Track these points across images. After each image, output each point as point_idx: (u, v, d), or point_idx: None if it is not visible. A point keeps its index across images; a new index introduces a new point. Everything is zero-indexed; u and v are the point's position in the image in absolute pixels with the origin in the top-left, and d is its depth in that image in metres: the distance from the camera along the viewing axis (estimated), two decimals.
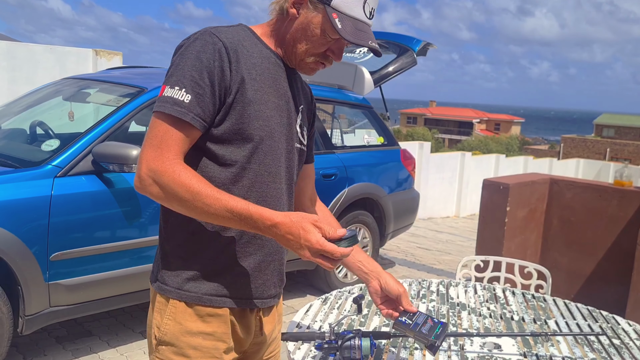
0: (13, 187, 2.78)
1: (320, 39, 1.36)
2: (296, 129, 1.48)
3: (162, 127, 1.25)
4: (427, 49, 5.32)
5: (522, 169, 13.48)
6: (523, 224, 4.27)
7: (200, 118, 1.27)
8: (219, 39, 1.31)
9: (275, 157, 1.39)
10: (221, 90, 1.29)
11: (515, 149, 47.12)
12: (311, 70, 1.43)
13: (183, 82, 1.27)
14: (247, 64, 1.34)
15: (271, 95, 1.38)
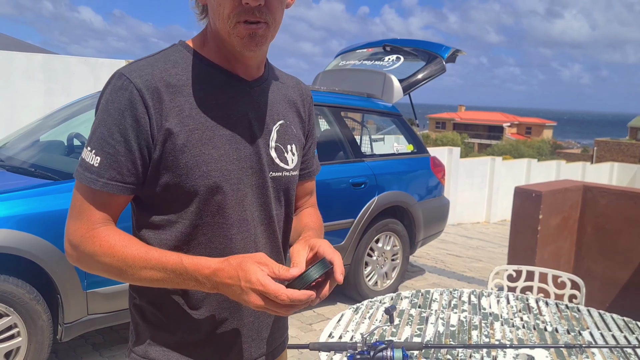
0: (52, 198, 2.87)
1: None
2: (270, 154, 1.21)
3: (78, 197, 1.10)
4: (456, 55, 5.30)
5: (554, 174, 13.27)
6: (556, 232, 4.21)
7: (116, 182, 1.07)
8: (130, 80, 1.07)
9: (237, 202, 1.16)
10: (141, 145, 1.08)
11: (547, 152, 46.39)
12: (249, 40, 1.09)
13: (93, 142, 1.08)
14: (175, 101, 1.10)
15: (217, 128, 1.13)
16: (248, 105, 1.18)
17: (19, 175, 3.14)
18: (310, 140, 1.39)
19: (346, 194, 4.47)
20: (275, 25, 1.11)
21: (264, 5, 1.07)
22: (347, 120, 4.84)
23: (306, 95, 1.38)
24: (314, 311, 4.60)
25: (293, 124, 1.30)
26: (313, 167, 1.43)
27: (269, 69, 1.29)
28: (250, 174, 1.18)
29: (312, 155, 1.41)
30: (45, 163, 3.40)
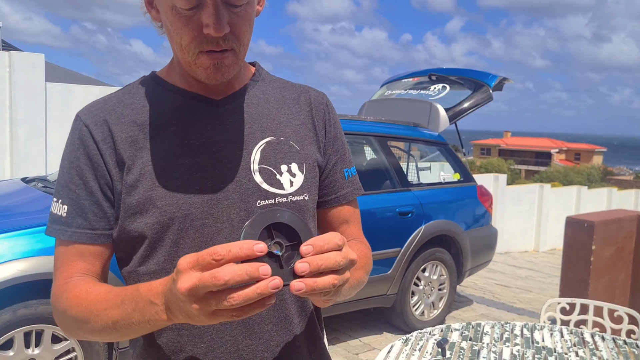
0: None
1: (179, 21, 0.91)
2: (253, 180, 1.01)
3: (56, 250, 1.00)
4: (503, 83, 5.28)
5: (605, 202, 12.89)
6: (610, 264, 4.09)
7: (84, 229, 0.97)
8: (81, 120, 1.00)
9: (204, 240, 0.97)
10: (101, 183, 0.98)
11: (597, 179, 45.08)
12: (214, 71, 0.95)
13: (57, 192, 1.01)
14: (127, 132, 0.99)
15: (175, 157, 0.98)
16: (215, 127, 1.01)
17: None
18: (333, 157, 1.13)
19: (393, 223, 4.47)
20: (243, 48, 0.97)
21: (229, 32, 0.92)
22: (393, 149, 4.87)
23: (318, 104, 1.14)
24: (360, 340, 4.58)
25: (294, 139, 1.07)
26: (344, 191, 1.15)
27: (254, 81, 1.11)
28: (226, 205, 0.98)
29: (339, 175, 1.14)
30: None
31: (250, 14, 0.95)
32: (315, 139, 1.11)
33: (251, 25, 0.97)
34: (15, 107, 6.32)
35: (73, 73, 12.61)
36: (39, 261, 2.72)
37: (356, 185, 1.18)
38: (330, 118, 1.15)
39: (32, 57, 6.51)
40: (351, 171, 1.17)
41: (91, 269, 0.99)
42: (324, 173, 1.12)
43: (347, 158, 1.17)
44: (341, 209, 1.16)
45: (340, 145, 1.16)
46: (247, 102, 1.07)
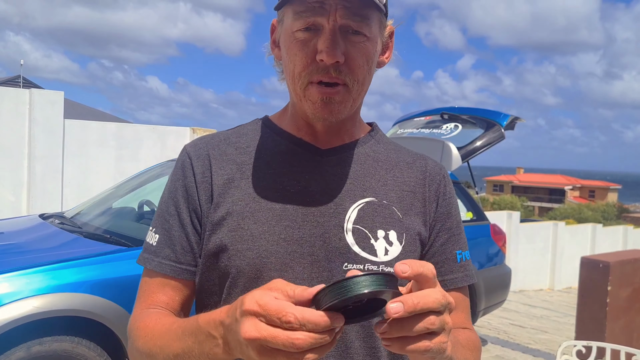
0: (125, 264, 3.01)
1: (295, 46, 0.89)
2: (344, 239, 0.92)
3: (141, 279, 1.00)
4: (515, 123, 5.31)
5: (621, 239, 12.73)
6: (627, 305, 4.03)
7: (170, 261, 0.95)
8: (186, 152, 1.00)
9: None
10: (192, 217, 0.96)
11: (612, 217, 44.59)
12: (322, 106, 0.89)
13: (154, 220, 1.00)
14: (225, 169, 0.97)
15: (266, 201, 0.93)
16: (313, 176, 0.96)
17: (93, 241, 3.32)
18: (443, 235, 1.01)
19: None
20: (358, 87, 0.91)
21: (344, 64, 0.87)
22: None
23: (434, 174, 1.04)
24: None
25: (398, 205, 0.98)
26: (452, 275, 1.01)
27: (367, 139, 1.04)
28: (309, 262, 0.91)
29: (450, 256, 1.02)
30: (118, 229, 3.58)
31: (369, 50, 0.90)
32: (422, 211, 1.00)
33: (370, 64, 0.92)
34: (34, 143, 6.44)
35: (90, 109, 12.88)
36: (54, 298, 2.74)
37: (468, 272, 1.04)
38: (446, 192, 1.04)
39: (52, 95, 6.67)
40: (465, 255, 1.04)
41: (170, 304, 0.96)
42: (429, 251, 1.01)
43: (461, 240, 1.04)
44: (456, 295, 1.01)
45: (454, 224, 1.03)
46: (354, 157, 1.00)
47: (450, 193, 1.05)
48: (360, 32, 0.88)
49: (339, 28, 0.87)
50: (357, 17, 0.87)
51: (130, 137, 7.30)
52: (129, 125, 7.72)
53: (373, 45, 0.91)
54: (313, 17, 0.86)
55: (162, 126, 7.66)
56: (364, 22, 0.88)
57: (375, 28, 0.91)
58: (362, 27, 0.88)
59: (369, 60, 0.91)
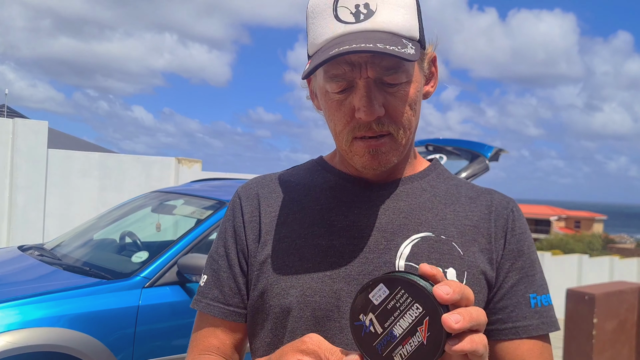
0: (105, 297, 2.94)
1: (331, 106, 0.87)
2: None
3: (194, 323, 0.99)
4: (499, 154, 5.35)
5: (607, 270, 12.78)
6: (613, 337, 4.01)
7: (217, 302, 0.93)
8: (238, 192, 1.00)
9: (329, 337, 0.83)
10: (240, 258, 0.94)
11: (598, 247, 44.83)
12: (370, 158, 0.86)
13: (206, 261, 1.00)
14: (272, 206, 0.95)
15: (312, 237, 0.90)
16: (363, 211, 0.91)
17: (73, 273, 3.25)
18: (513, 276, 0.91)
19: None
20: (404, 133, 0.86)
21: (385, 115, 0.84)
22: None
23: (501, 208, 0.95)
24: None
25: (459, 241, 0.90)
26: (525, 321, 0.90)
27: (424, 174, 0.98)
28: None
29: (521, 300, 0.91)
30: (98, 262, 3.51)
31: (410, 94, 0.85)
32: (487, 248, 0.91)
33: (413, 107, 0.87)
34: (16, 173, 6.37)
35: (75, 138, 12.81)
36: (29, 333, 2.66)
37: (546, 319, 0.92)
38: (515, 228, 0.94)
39: (36, 124, 6.62)
40: (541, 299, 0.93)
41: (221, 348, 0.94)
42: (497, 294, 0.91)
43: (535, 281, 0.93)
44: (519, 345, 0.90)
45: (527, 264, 0.93)
46: (408, 191, 0.94)
47: (522, 229, 0.95)
48: (395, 83, 0.83)
49: (373, 82, 0.82)
50: (389, 70, 0.82)
51: (114, 167, 7.24)
52: (113, 155, 7.68)
53: (415, 86, 0.87)
54: (344, 80, 0.83)
55: (147, 156, 7.61)
56: (398, 72, 0.83)
57: (411, 68, 0.85)
58: (397, 77, 0.83)
59: (412, 103, 0.86)
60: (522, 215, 0.97)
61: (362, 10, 0.81)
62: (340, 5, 0.81)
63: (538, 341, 0.91)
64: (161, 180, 7.50)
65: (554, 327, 0.93)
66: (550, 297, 0.95)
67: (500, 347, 0.90)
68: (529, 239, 0.95)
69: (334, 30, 0.81)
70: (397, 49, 0.77)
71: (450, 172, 1.02)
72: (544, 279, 0.96)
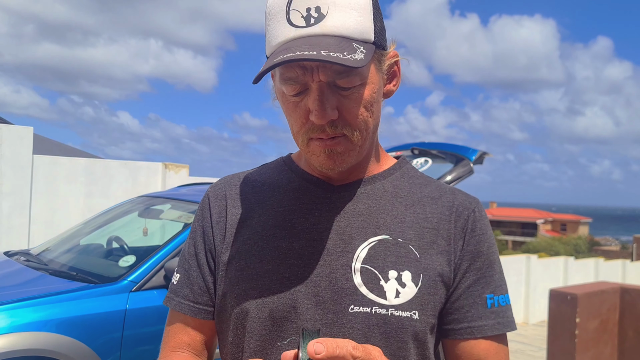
0: (92, 302, 2.95)
1: (288, 108, 0.88)
2: (351, 280, 0.87)
3: (167, 319, 1.01)
4: (483, 157, 5.41)
5: (592, 272, 12.91)
6: (595, 336, 4.08)
7: (188, 300, 0.96)
8: (207, 192, 1.02)
9: (285, 338, 0.86)
10: (207, 257, 0.97)
11: (584, 250, 45.23)
12: (326, 158, 0.87)
13: (179, 260, 1.02)
14: (238, 207, 0.97)
15: (274, 239, 0.92)
16: (323, 214, 0.92)
17: (59, 278, 3.25)
18: (470, 276, 0.92)
19: None
20: (359, 134, 0.86)
21: (339, 118, 0.84)
22: None
23: (462, 209, 0.95)
24: None
25: (416, 243, 0.90)
26: (480, 321, 0.91)
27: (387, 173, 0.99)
28: (313, 304, 0.86)
29: (477, 300, 0.91)
30: (85, 266, 3.51)
31: (364, 95, 0.85)
32: (446, 249, 0.91)
33: (369, 108, 0.86)
34: (1, 179, 6.33)
35: (60, 144, 12.72)
36: (16, 337, 2.66)
37: (503, 320, 0.93)
38: (476, 229, 0.94)
39: (21, 130, 6.58)
40: (498, 300, 0.93)
41: (192, 345, 0.96)
42: (454, 294, 0.91)
43: (493, 282, 0.93)
44: (475, 345, 0.91)
45: (486, 264, 0.93)
46: (369, 193, 0.95)
47: (482, 230, 0.94)
48: (349, 86, 0.83)
49: (326, 85, 0.83)
50: (341, 74, 0.82)
51: (100, 172, 7.21)
52: (99, 160, 7.63)
53: (370, 87, 0.86)
54: (297, 83, 0.83)
55: (133, 161, 7.57)
56: (350, 75, 0.82)
57: (367, 71, 0.85)
58: (350, 80, 0.83)
59: (367, 104, 0.86)
60: (485, 216, 0.97)
61: (312, 14, 0.81)
62: (292, 8, 0.81)
63: (493, 342, 0.92)
64: (148, 186, 7.48)
65: (510, 327, 0.93)
66: (508, 297, 0.96)
67: (457, 347, 0.91)
68: (490, 239, 0.95)
69: (285, 34, 0.82)
70: (343, 55, 0.77)
71: (417, 170, 1.02)
72: (503, 279, 0.96)
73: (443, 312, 0.91)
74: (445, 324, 0.91)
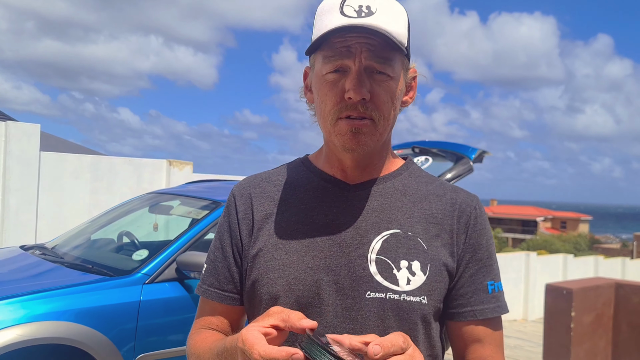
0: (108, 293, 3.08)
1: (325, 87, 0.99)
2: (367, 269, 0.98)
3: (198, 304, 1.16)
4: (483, 156, 5.52)
5: (592, 270, 13.02)
6: (590, 330, 4.21)
7: (214, 288, 1.09)
8: (232, 192, 1.14)
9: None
10: (234, 250, 1.09)
11: (584, 247, 45.30)
12: (351, 137, 0.97)
13: (207, 254, 1.15)
14: (264, 205, 1.09)
15: (297, 233, 1.03)
16: (341, 210, 1.04)
17: (75, 271, 3.38)
18: (472, 266, 1.04)
19: None
20: (383, 122, 0.99)
21: (370, 100, 0.96)
22: None
23: (464, 206, 1.07)
24: None
25: (423, 236, 1.02)
26: (481, 305, 1.04)
27: (396, 173, 1.11)
28: (334, 290, 0.98)
29: (480, 287, 1.04)
30: (99, 260, 3.64)
31: (392, 88, 0.99)
32: (449, 242, 1.04)
33: (394, 101, 1.00)
34: (8, 175, 6.41)
35: (64, 141, 12.79)
36: (38, 326, 2.78)
37: (501, 303, 1.07)
38: (477, 224, 1.07)
39: (28, 127, 6.67)
40: (497, 286, 1.07)
41: (220, 326, 1.10)
42: (459, 282, 1.04)
43: (492, 271, 1.07)
44: (475, 326, 1.04)
45: (485, 255, 1.06)
46: (382, 191, 1.07)
47: (482, 225, 1.07)
48: (383, 72, 0.97)
49: (364, 69, 0.96)
50: (380, 59, 0.96)
51: (105, 169, 7.27)
52: (105, 157, 7.70)
53: (396, 84, 0.99)
54: (340, 60, 0.95)
55: (138, 158, 7.63)
56: (387, 64, 0.96)
57: (397, 68, 0.99)
58: (386, 68, 0.96)
59: (392, 97, 0.99)
60: (484, 213, 1.10)
61: (364, 10, 0.94)
62: (346, 4, 0.95)
63: (491, 323, 1.05)
64: (152, 183, 7.56)
65: (506, 310, 1.08)
66: (502, 284, 1.10)
67: (462, 328, 1.05)
68: (488, 233, 1.09)
69: (337, 21, 0.94)
70: (391, 37, 0.92)
71: (422, 170, 1.15)
72: (499, 268, 1.10)
73: (449, 298, 1.04)
74: (451, 308, 1.04)
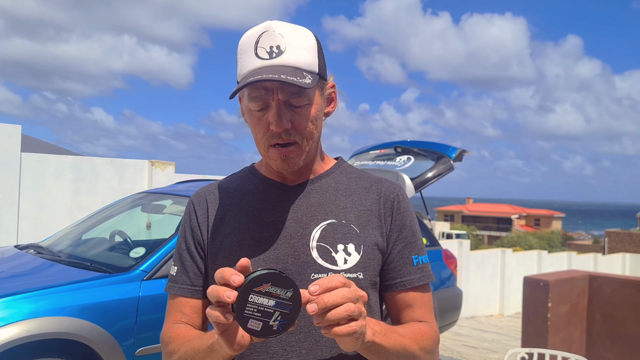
0: (108, 289, 3.18)
1: (253, 121, 1.15)
2: (310, 255, 1.16)
3: (168, 302, 1.26)
4: (462, 155, 5.73)
5: (565, 265, 13.37)
6: (566, 320, 4.42)
7: (186, 285, 1.22)
8: (191, 199, 1.29)
9: None
10: (198, 250, 1.24)
11: (557, 244, 46.15)
12: (281, 162, 1.15)
13: (174, 256, 1.28)
14: (218, 210, 1.25)
15: (248, 232, 1.20)
16: (284, 208, 1.21)
17: (75, 268, 3.46)
18: (399, 244, 1.22)
19: None
20: (307, 142, 1.15)
21: (292, 128, 1.11)
22: None
23: (388, 194, 1.25)
24: None
25: (355, 222, 1.20)
26: (409, 276, 1.22)
27: (329, 172, 1.28)
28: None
29: (407, 261, 1.22)
30: (97, 257, 3.73)
31: (311, 112, 1.14)
32: (379, 225, 1.22)
33: (315, 123, 1.15)
34: None
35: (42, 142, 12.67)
36: (42, 322, 2.88)
37: (425, 273, 1.24)
38: (400, 207, 1.24)
39: (9, 128, 6.60)
40: (422, 259, 1.24)
41: (190, 320, 1.21)
42: (388, 258, 1.22)
43: (417, 246, 1.24)
44: (406, 294, 1.22)
45: (409, 233, 1.24)
46: (317, 189, 1.24)
47: (405, 208, 1.25)
48: (299, 105, 1.11)
49: (283, 103, 1.10)
50: (294, 94, 1.10)
51: (87, 170, 7.23)
52: (86, 158, 7.65)
53: (315, 107, 1.15)
54: (262, 100, 1.10)
55: (120, 159, 7.61)
56: (301, 95, 1.11)
57: (312, 93, 1.14)
58: (301, 99, 1.11)
59: (313, 120, 1.15)
60: (406, 198, 1.28)
61: (274, 50, 1.10)
62: (259, 46, 1.10)
63: (419, 291, 1.23)
64: (135, 183, 7.57)
65: (431, 278, 1.26)
66: (427, 257, 1.27)
67: (395, 297, 1.23)
68: (411, 215, 1.27)
69: (253, 64, 1.10)
70: (296, 79, 1.05)
71: (352, 167, 1.33)
72: (423, 244, 1.27)
73: (382, 273, 1.22)
74: (384, 281, 1.23)
